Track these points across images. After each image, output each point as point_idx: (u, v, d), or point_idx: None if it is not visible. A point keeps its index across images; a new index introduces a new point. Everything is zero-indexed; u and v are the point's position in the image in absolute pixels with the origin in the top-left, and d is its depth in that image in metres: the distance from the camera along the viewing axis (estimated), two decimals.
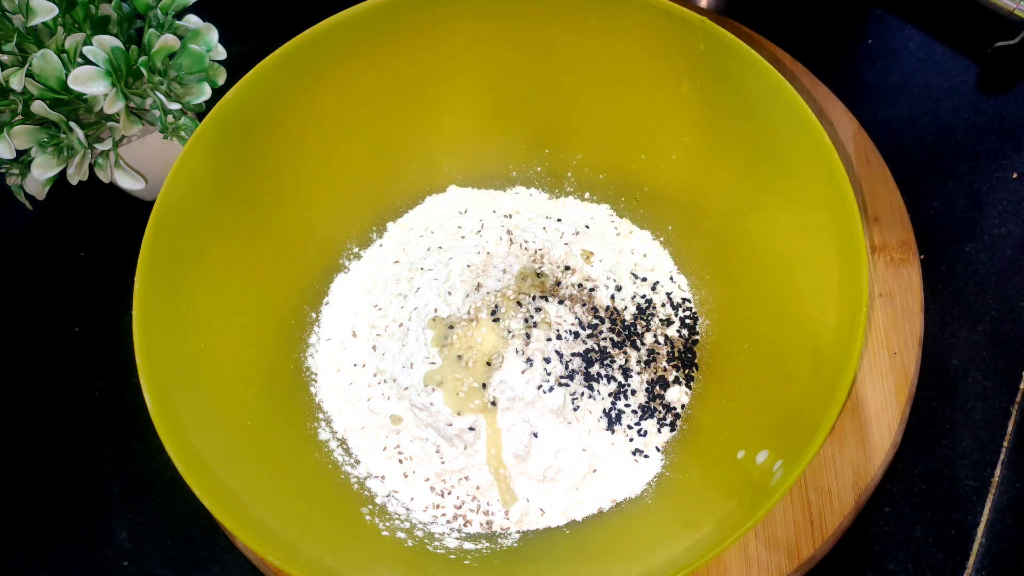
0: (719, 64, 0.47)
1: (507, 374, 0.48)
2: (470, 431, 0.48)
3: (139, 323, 0.41)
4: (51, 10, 0.47)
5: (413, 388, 0.49)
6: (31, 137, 0.49)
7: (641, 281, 0.53)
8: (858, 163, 0.57)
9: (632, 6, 0.48)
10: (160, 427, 0.38)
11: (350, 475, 0.48)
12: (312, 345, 0.53)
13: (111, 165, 0.53)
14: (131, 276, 0.41)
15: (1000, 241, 0.57)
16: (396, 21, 0.49)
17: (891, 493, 0.50)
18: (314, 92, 0.50)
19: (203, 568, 0.50)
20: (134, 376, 0.39)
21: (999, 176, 0.59)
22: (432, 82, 0.53)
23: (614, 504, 0.47)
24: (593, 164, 0.57)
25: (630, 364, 0.50)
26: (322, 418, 0.50)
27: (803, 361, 0.42)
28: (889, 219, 0.55)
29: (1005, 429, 0.51)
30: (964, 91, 0.63)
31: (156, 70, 0.50)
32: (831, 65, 0.63)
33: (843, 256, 0.41)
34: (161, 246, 0.43)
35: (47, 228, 0.62)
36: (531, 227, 0.55)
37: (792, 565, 0.45)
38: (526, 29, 0.51)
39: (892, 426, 0.49)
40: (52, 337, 0.58)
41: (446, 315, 0.50)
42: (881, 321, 0.52)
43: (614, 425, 0.48)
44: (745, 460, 0.42)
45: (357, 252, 0.56)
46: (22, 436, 0.55)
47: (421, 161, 0.57)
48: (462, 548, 0.45)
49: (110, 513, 0.52)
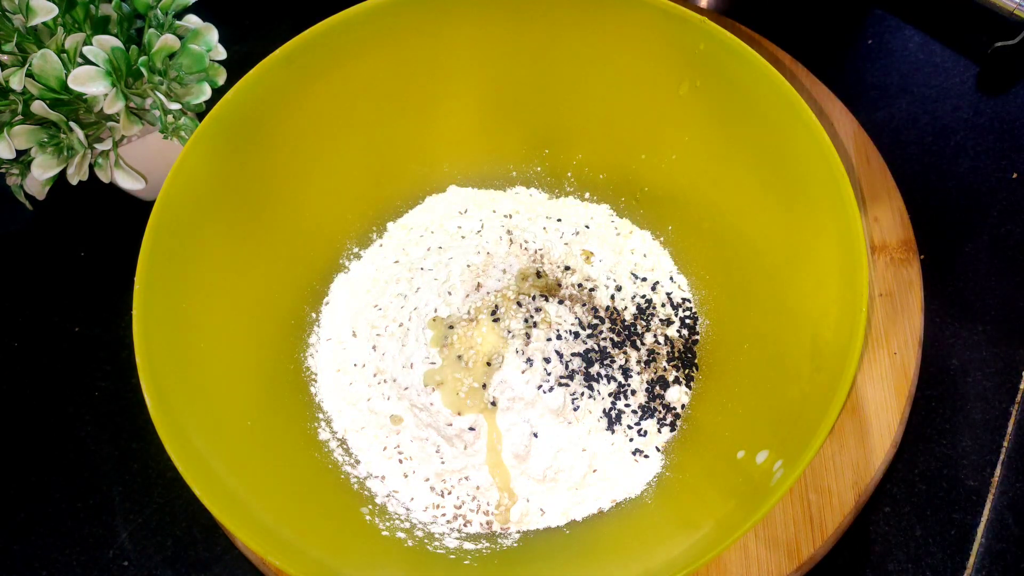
0: (719, 64, 0.47)
1: (507, 374, 0.48)
2: (470, 431, 0.48)
3: (139, 323, 0.41)
4: (51, 10, 0.47)
5: (413, 388, 0.49)
6: (31, 137, 0.49)
7: (641, 281, 0.53)
8: (858, 163, 0.57)
9: (632, 6, 0.48)
10: (160, 427, 0.38)
11: (350, 475, 0.48)
12: (312, 345, 0.53)
13: (111, 165, 0.53)
14: (131, 276, 0.41)
15: (1000, 241, 0.57)
16: (396, 21, 0.49)
17: (891, 493, 0.50)
18: (314, 92, 0.50)
19: (204, 568, 0.50)
20: (134, 376, 0.39)
21: (999, 176, 0.59)
22: (432, 82, 0.53)
23: (614, 504, 0.47)
24: (593, 164, 0.57)
25: (630, 364, 0.50)
26: (322, 418, 0.50)
27: (803, 361, 0.42)
28: (889, 219, 0.55)
29: (1005, 429, 0.51)
30: (964, 91, 0.63)
31: (156, 70, 0.50)
32: (831, 65, 0.63)
33: (843, 256, 0.41)
34: (161, 246, 0.43)
35: (47, 228, 0.62)
36: (531, 227, 0.55)
37: (792, 565, 0.46)
38: (526, 29, 0.51)
39: (892, 426, 0.49)
40: (52, 337, 0.58)
41: (446, 315, 0.50)
42: (881, 321, 0.52)
43: (614, 425, 0.48)
44: (745, 460, 0.42)
45: (357, 252, 0.56)
46: (22, 436, 0.55)
47: (421, 161, 0.57)
48: (462, 548, 0.45)
49: (110, 513, 0.52)
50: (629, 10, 0.48)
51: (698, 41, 0.47)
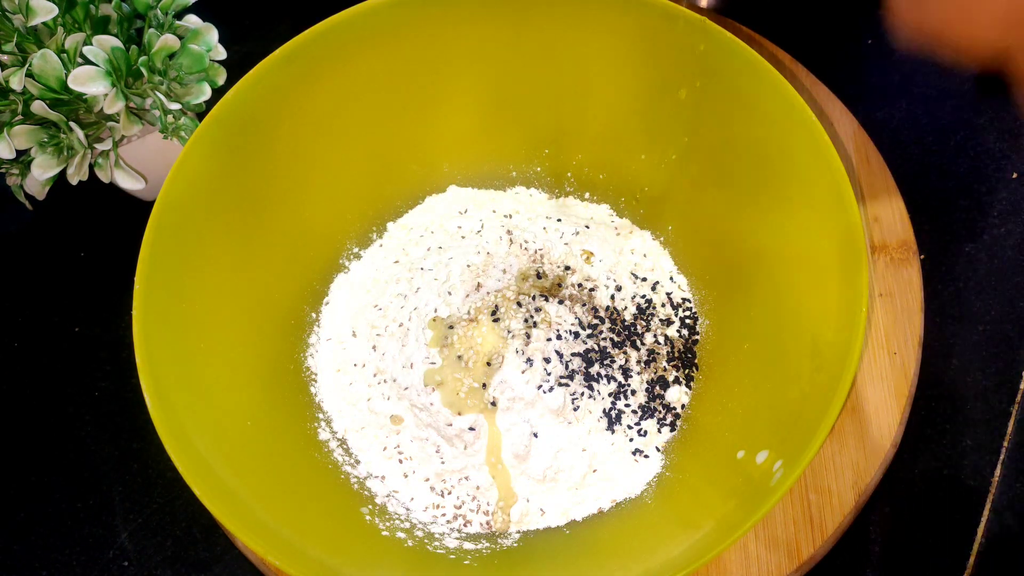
0: (719, 64, 0.47)
1: (507, 374, 0.48)
2: (470, 431, 0.48)
3: (139, 323, 0.41)
4: (51, 10, 0.47)
5: (413, 388, 0.49)
6: (31, 137, 0.49)
7: (641, 281, 0.53)
8: (858, 163, 0.57)
9: (632, 6, 0.48)
10: (160, 427, 0.38)
11: (350, 475, 0.48)
12: (312, 345, 0.53)
13: (111, 165, 0.53)
14: (131, 276, 0.41)
15: (1000, 241, 0.57)
16: (396, 21, 0.49)
17: (891, 493, 0.50)
18: (314, 92, 0.50)
19: (204, 568, 0.50)
20: (134, 376, 0.39)
21: (999, 176, 0.59)
22: (432, 82, 0.53)
23: (614, 504, 0.47)
24: (593, 164, 0.57)
25: (630, 364, 0.50)
26: (322, 418, 0.50)
27: (803, 361, 0.42)
28: (889, 219, 0.55)
29: (1005, 429, 0.51)
30: (964, 91, 0.63)
31: (156, 70, 0.50)
32: (831, 65, 0.63)
33: (843, 256, 0.41)
34: (161, 246, 0.43)
35: (47, 228, 0.62)
36: (531, 227, 0.55)
37: (792, 565, 0.46)
38: (526, 29, 0.51)
39: (892, 426, 0.49)
40: (52, 337, 0.58)
41: (446, 315, 0.50)
42: (881, 321, 0.52)
43: (614, 425, 0.48)
44: (745, 460, 0.42)
45: (357, 252, 0.56)
46: (22, 436, 0.55)
47: (421, 161, 0.57)
48: (462, 548, 0.45)
49: (110, 513, 0.52)
50: (629, 10, 0.48)
51: (698, 41, 0.47)
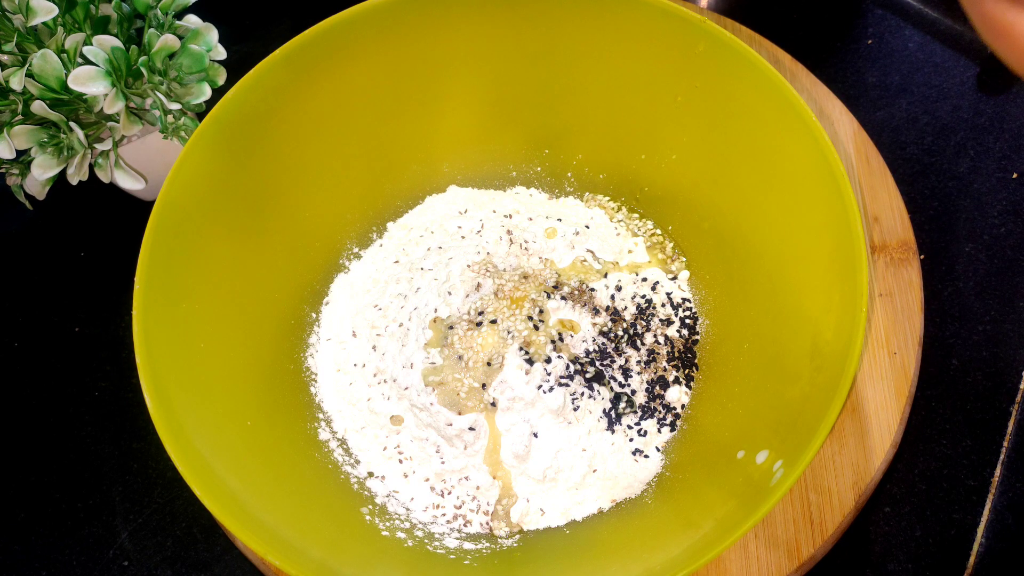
0: (719, 64, 0.47)
1: (507, 374, 0.48)
2: (470, 431, 0.48)
3: (139, 323, 0.41)
4: (51, 10, 0.47)
5: (413, 388, 0.49)
6: (31, 137, 0.49)
7: (641, 281, 0.53)
8: (858, 163, 0.57)
9: (632, 6, 0.48)
10: (160, 427, 0.39)
11: (350, 475, 0.48)
12: (312, 345, 0.53)
13: (111, 165, 0.53)
14: (131, 276, 0.41)
15: (1000, 241, 0.57)
16: (396, 21, 0.49)
17: (891, 493, 0.50)
18: (314, 92, 0.50)
19: (204, 568, 0.50)
20: (134, 376, 0.39)
21: (999, 176, 0.59)
22: (432, 82, 0.53)
23: (614, 504, 0.47)
24: (593, 164, 0.57)
25: (630, 364, 0.50)
26: (322, 418, 0.50)
27: (803, 361, 0.42)
28: (889, 219, 0.55)
29: (1005, 429, 0.51)
30: (964, 91, 0.63)
31: (156, 70, 0.50)
32: (831, 65, 0.63)
33: (843, 256, 0.41)
34: (161, 246, 0.43)
35: (47, 228, 0.62)
36: (531, 227, 0.55)
37: (792, 565, 0.46)
38: (526, 29, 0.51)
39: (892, 426, 0.49)
40: (52, 337, 0.58)
41: (446, 315, 0.50)
42: (881, 321, 0.52)
43: (614, 425, 0.48)
44: (745, 460, 0.42)
45: (357, 252, 0.56)
46: (22, 436, 0.55)
47: (421, 161, 0.57)
48: (462, 548, 0.45)
49: (110, 513, 0.52)
50: (629, 10, 0.48)
51: (698, 41, 0.47)
